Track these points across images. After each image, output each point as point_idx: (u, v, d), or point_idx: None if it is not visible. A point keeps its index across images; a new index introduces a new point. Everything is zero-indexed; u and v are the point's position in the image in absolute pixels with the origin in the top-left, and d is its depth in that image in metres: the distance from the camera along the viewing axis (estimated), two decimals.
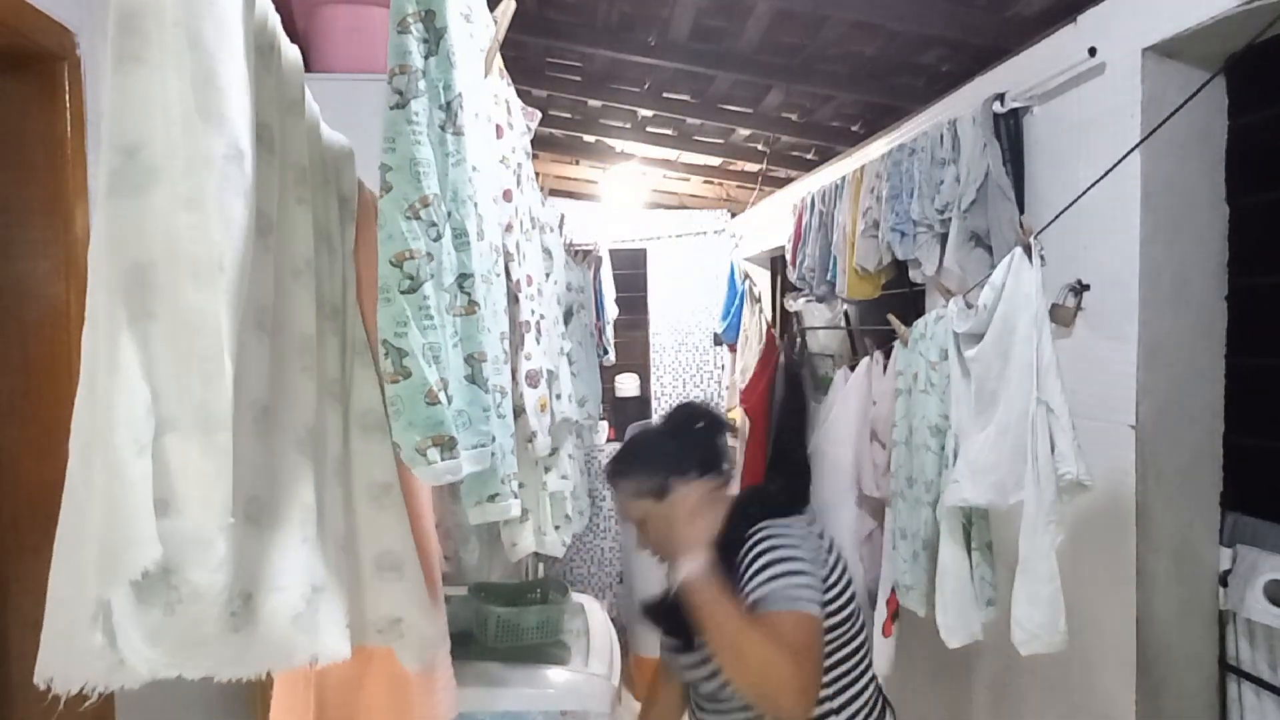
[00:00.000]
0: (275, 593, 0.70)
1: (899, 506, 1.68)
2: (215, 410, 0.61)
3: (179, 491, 0.60)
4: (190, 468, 0.60)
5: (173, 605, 0.60)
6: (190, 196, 0.60)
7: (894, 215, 2.11)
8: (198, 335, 0.60)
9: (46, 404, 1.23)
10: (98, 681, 0.58)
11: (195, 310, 0.60)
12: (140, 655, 0.59)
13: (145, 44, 0.58)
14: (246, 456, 0.67)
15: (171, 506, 0.59)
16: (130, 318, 0.58)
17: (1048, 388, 1.30)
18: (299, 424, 0.77)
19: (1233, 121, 1.51)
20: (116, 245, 0.58)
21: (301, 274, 0.79)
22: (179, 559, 0.60)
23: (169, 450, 0.59)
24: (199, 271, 0.60)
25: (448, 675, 1.24)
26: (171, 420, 0.59)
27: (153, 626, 0.60)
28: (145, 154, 0.59)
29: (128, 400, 0.57)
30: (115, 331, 0.57)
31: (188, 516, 0.60)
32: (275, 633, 0.70)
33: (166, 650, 0.61)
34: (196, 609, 0.61)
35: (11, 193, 1.21)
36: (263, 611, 0.69)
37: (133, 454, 0.56)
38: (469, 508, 0.87)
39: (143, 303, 0.59)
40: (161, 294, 0.59)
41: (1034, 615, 1.30)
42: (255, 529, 0.69)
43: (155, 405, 0.59)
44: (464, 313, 0.79)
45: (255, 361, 0.70)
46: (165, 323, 0.59)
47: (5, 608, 1.23)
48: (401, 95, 0.73)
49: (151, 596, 0.59)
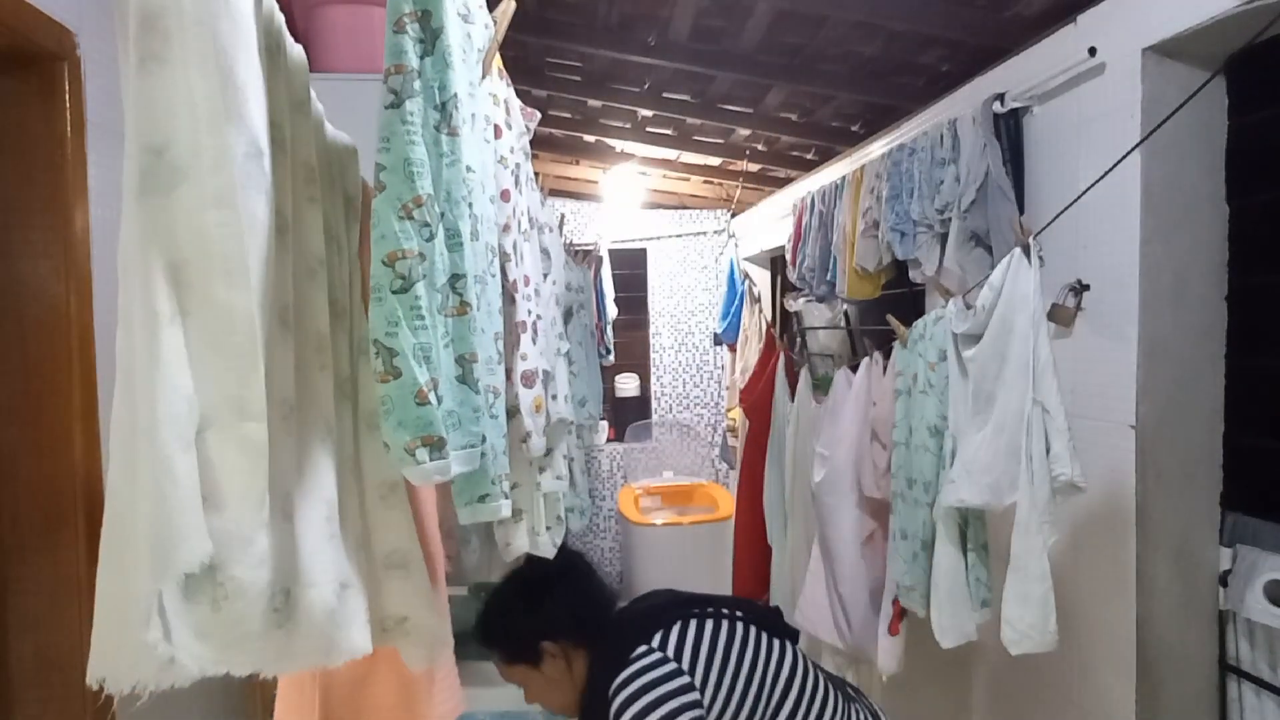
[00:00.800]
0: (311, 589, 0.71)
1: (899, 507, 1.68)
2: (251, 406, 0.61)
3: (219, 488, 0.60)
4: (228, 464, 0.61)
5: (219, 602, 0.60)
6: (218, 194, 0.60)
7: (894, 215, 2.11)
8: (231, 332, 0.61)
9: (46, 404, 1.23)
10: (149, 680, 0.58)
11: (227, 307, 0.61)
12: (190, 652, 0.59)
13: (167, 43, 0.59)
14: (279, 454, 0.68)
15: (211, 502, 0.60)
16: (168, 316, 0.58)
17: (1044, 388, 1.30)
18: (320, 421, 0.78)
19: (1233, 121, 1.51)
20: (150, 245, 0.59)
21: (316, 273, 0.80)
22: (223, 555, 0.60)
23: (209, 446, 0.60)
24: (230, 269, 0.61)
25: (452, 674, 1.25)
26: (209, 417, 0.60)
27: (201, 623, 0.60)
28: (172, 153, 0.59)
29: (170, 397, 0.57)
30: (154, 330, 0.58)
31: (229, 512, 0.60)
32: (314, 629, 0.71)
33: (215, 647, 0.61)
34: (241, 605, 0.61)
35: (11, 193, 1.21)
36: (301, 608, 0.70)
37: (179, 450, 0.57)
38: (460, 508, 0.87)
39: (178, 301, 0.59)
40: (194, 292, 0.60)
41: (1024, 615, 1.30)
42: (290, 525, 0.70)
43: (194, 403, 0.59)
44: (456, 313, 0.79)
45: (281, 359, 0.70)
46: (199, 320, 0.60)
47: (5, 608, 1.23)
48: (396, 95, 0.74)
49: (198, 594, 0.59)
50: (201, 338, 0.60)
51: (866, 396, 1.92)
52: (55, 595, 1.23)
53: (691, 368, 4.75)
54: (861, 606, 1.93)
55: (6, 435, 1.23)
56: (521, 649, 1.23)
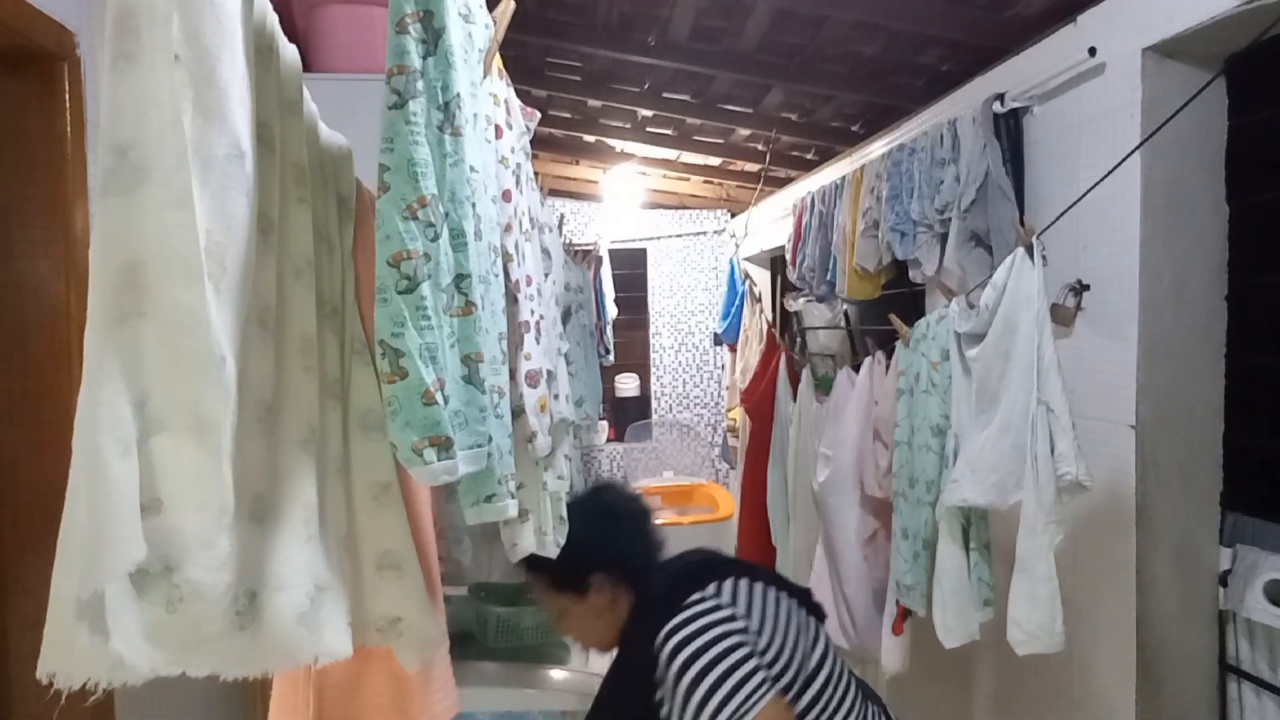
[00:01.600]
0: (280, 592, 0.70)
1: (901, 507, 1.68)
2: (207, 411, 0.61)
3: (173, 491, 0.60)
4: (183, 468, 0.60)
5: (174, 604, 0.60)
6: (180, 195, 0.59)
7: (894, 215, 2.11)
8: (188, 335, 0.60)
9: (46, 404, 1.23)
10: (99, 678, 0.58)
11: (185, 309, 0.60)
12: (141, 653, 0.59)
13: (139, 43, 0.58)
14: (250, 455, 0.67)
15: (166, 506, 0.59)
16: (120, 317, 0.58)
17: (1048, 388, 1.30)
18: (302, 423, 0.77)
19: (1233, 121, 1.51)
20: (108, 244, 0.58)
21: (303, 273, 0.79)
22: (178, 558, 0.59)
23: (160, 450, 0.59)
24: (189, 270, 0.60)
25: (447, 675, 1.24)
26: (162, 420, 0.59)
27: (154, 624, 0.59)
28: (136, 153, 0.58)
29: (112, 400, 0.57)
30: (105, 331, 0.57)
31: (184, 516, 0.60)
32: (280, 632, 0.70)
33: (169, 648, 0.61)
34: (199, 607, 0.61)
35: (11, 193, 1.21)
36: (268, 610, 0.69)
37: (116, 454, 0.56)
38: (466, 508, 0.87)
39: (133, 302, 0.58)
40: (151, 293, 0.59)
41: (1032, 615, 1.30)
42: (260, 528, 0.69)
43: (146, 405, 0.58)
44: (461, 313, 0.79)
45: (258, 360, 0.70)
46: (155, 322, 0.59)
47: (5, 608, 1.23)
48: (400, 95, 0.73)
49: (153, 594, 0.59)
50: (157, 340, 0.59)
51: (869, 396, 1.92)
52: None
53: (691, 368, 4.75)
54: (865, 606, 1.94)
55: (6, 435, 1.23)
56: (572, 577, 1.20)
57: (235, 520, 0.63)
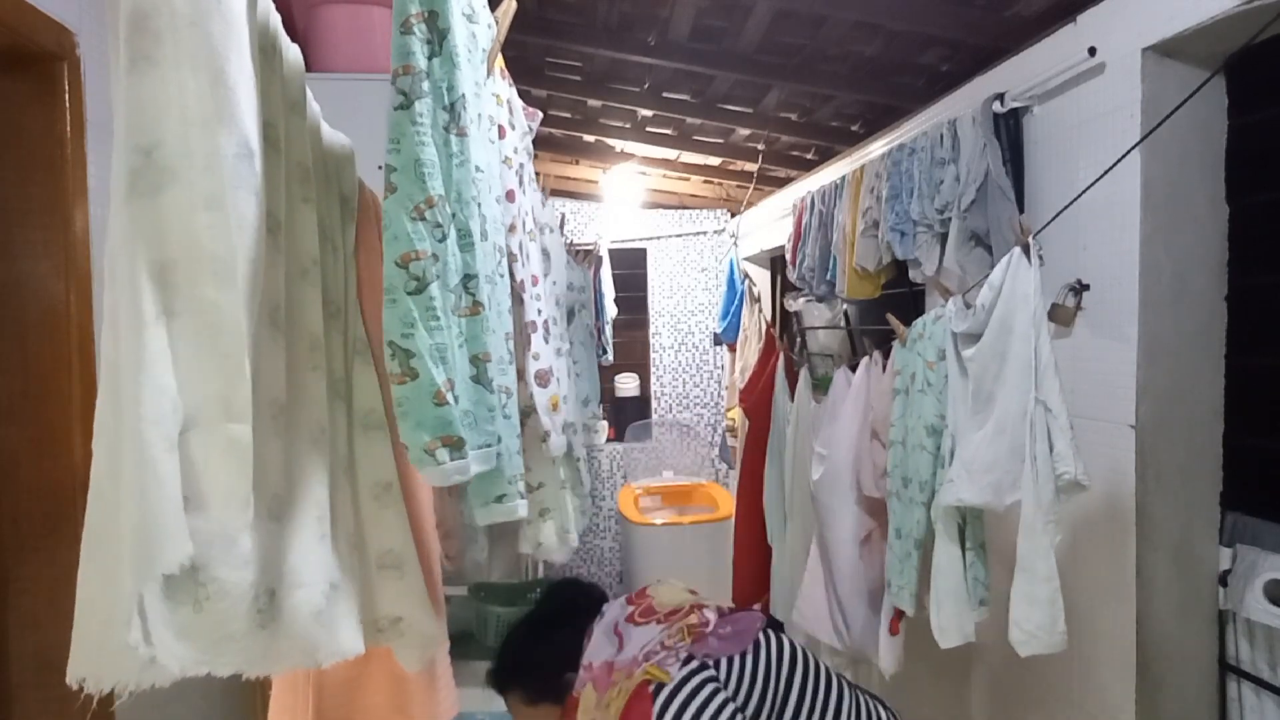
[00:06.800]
0: (298, 589, 0.71)
1: (894, 506, 1.68)
2: (236, 407, 0.61)
3: (203, 488, 0.60)
4: (213, 464, 0.60)
5: (201, 602, 0.60)
6: (209, 196, 0.60)
7: (894, 215, 2.11)
8: (219, 333, 0.61)
9: (46, 404, 1.23)
10: (130, 680, 0.58)
11: (216, 308, 0.60)
12: (171, 652, 0.59)
13: (158, 44, 0.59)
14: (266, 454, 0.68)
15: (194, 503, 0.60)
16: (153, 316, 0.58)
17: (1046, 388, 1.30)
18: (312, 422, 0.77)
19: (1233, 121, 1.52)
20: (137, 245, 0.59)
21: (309, 273, 0.80)
22: (205, 556, 0.60)
23: (193, 447, 0.59)
24: (219, 270, 0.61)
25: (448, 675, 1.24)
26: (193, 417, 0.60)
27: (183, 624, 0.60)
28: (161, 154, 0.59)
29: (155, 398, 0.57)
30: (139, 330, 0.58)
31: (212, 513, 0.60)
32: (300, 629, 0.70)
33: (197, 647, 0.61)
34: (224, 605, 0.61)
35: (11, 193, 1.21)
36: (286, 608, 0.69)
37: (163, 450, 0.57)
38: (476, 509, 0.87)
39: (165, 301, 0.59)
40: (182, 292, 0.59)
41: (1033, 615, 1.30)
42: (278, 526, 0.70)
43: (178, 403, 0.59)
44: (469, 313, 0.79)
45: (270, 360, 0.70)
46: (187, 321, 0.60)
47: (5, 608, 1.23)
48: (406, 96, 0.73)
49: (181, 594, 0.59)
50: (188, 338, 0.60)
51: (866, 396, 1.92)
52: (55, 595, 1.22)
53: (691, 368, 4.75)
54: (860, 606, 1.94)
55: (6, 435, 1.22)
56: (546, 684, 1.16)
57: (255, 518, 0.63)
